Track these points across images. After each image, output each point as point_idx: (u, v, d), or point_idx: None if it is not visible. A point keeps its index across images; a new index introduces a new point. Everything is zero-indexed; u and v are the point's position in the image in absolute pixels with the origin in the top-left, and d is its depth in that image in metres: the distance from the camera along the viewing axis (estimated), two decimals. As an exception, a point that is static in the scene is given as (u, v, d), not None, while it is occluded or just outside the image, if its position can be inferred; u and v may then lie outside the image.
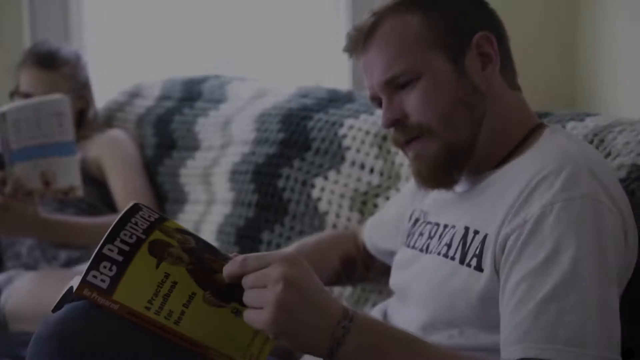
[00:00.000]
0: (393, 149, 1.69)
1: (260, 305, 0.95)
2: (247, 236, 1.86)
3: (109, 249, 1.00)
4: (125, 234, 1.00)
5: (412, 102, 1.18)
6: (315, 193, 1.79)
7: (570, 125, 1.40)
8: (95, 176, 2.22)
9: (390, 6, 1.21)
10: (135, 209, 1.01)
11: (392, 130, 1.22)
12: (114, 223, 1.00)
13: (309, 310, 0.94)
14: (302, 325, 0.94)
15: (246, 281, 0.97)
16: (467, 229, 1.15)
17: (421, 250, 1.25)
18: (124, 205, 2.16)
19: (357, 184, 1.73)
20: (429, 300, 1.17)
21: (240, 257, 0.98)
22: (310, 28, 2.74)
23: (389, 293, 1.59)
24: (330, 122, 1.83)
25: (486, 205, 1.15)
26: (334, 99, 1.91)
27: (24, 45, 2.58)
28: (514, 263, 1.06)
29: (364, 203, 1.71)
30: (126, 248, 1.00)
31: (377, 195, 1.69)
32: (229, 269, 0.99)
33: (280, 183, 1.85)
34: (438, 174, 1.19)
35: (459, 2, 1.22)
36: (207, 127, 2.16)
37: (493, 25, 1.23)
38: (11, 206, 1.91)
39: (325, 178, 1.78)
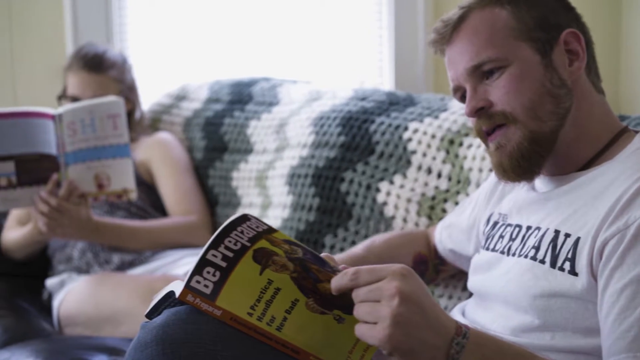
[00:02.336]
0: (461, 153, 1.67)
1: (374, 319, 0.93)
2: (308, 240, 1.84)
3: (213, 255, 0.99)
4: (230, 241, 0.99)
5: (497, 90, 1.19)
6: (380, 197, 1.77)
7: (649, 128, 1.38)
8: (144, 179, 2.21)
9: (478, 0, 1.21)
10: (242, 218, 1.00)
11: (474, 120, 1.23)
12: (219, 230, 0.99)
13: (425, 326, 0.93)
14: (418, 341, 0.92)
15: (358, 294, 0.95)
16: (557, 232, 1.14)
17: (502, 252, 1.24)
18: (174, 207, 2.16)
19: (424, 189, 1.71)
20: (518, 303, 1.16)
21: (351, 269, 0.96)
22: (353, 32, 2.73)
23: (459, 298, 1.58)
24: (394, 125, 1.81)
25: (577, 208, 1.14)
26: (395, 102, 1.90)
27: (67, 49, 2.57)
28: (615, 268, 1.04)
29: (431, 208, 1.69)
30: (230, 254, 0.99)
31: (445, 200, 1.67)
32: (339, 281, 0.97)
33: (343, 187, 1.83)
34: (520, 163, 1.19)
35: (548, 1, 1.22)
36: (259, 130, 2.15)
37: (580, 27, 1.23)
38: (65, 209, 1.89)
39: (391, 182, 1.76)
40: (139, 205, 2.16)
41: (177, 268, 2.01)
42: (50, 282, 2.08)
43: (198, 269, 0.98)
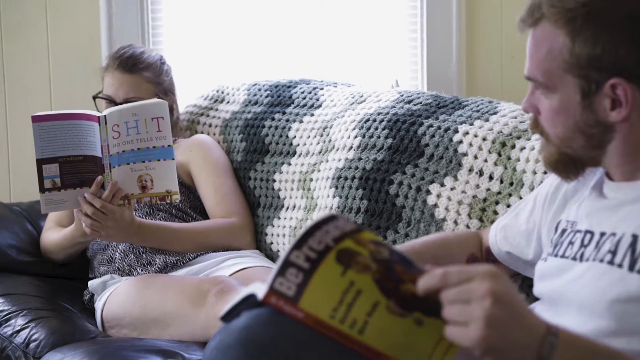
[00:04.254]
0: (514, 155, 1.67)
1: (465, 320, 0.92)
2: (357, 242, 1.84)
3: (296, 256, 0.98)
4: (314, 241, 0.98)
5: (542, 108, 1.23)
6: (431, 199, 1.77)
7: None
8: (184, 181, 2.21)
9: (554, 5, 1.18)
10: (330, 218, 0.99)
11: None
12: (304, 230, 0.98)
13: (517, 327, 0.92)
14: (510, 342, 0.92)
15: (447, 295, 0.94)
16: (635, 236, 1.14)
17: (574, 259, 1.23)
18: (214, 209, 2.16)
19: (475, 191, 1.71)
20: (593, 308, 1.15)
21: (440, 270, 0.96)
22: (388, 34, 2.74)
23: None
24: (443, 128, 1.82)
25: None
26: (442, 105, 1.90)
27: (102, 51, 2.58)
28: None
29: (483, 210, 1.69)
30: (313, 255, 0.98)
31: (497, 203, 1.67)
32: (426, 282, 0.96)
33: (392, 189, 1.84)
34: (557, 168, 1.27)
35: (616, 33, 1.15)
36: (302, 133, 2.15)
37: None
38: (109, 210, 1.90)
39: (442, 185, 1.76)
40: (179, 207, 2.17)
41: (220, 270, 2.01)
42: (92, 284, 2.08)
43: (281, 271, 0.98)
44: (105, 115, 1.91)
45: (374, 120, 1.96)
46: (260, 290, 1.00)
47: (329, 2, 2.72)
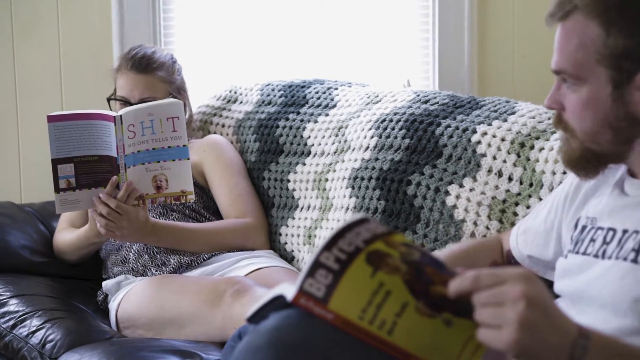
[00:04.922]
0: (533, 156, 1.67)
1: (498, 323, 0.92)
2: (374, 243, 1.84)
3: (326, 257, 0.98)
4: (344, 243, 0.98)
5: (569, 103, 1.22)
6: (450, 200, 1.76)
7: None
8: (197, 181, 2.21)
9: (586, 2, 1.18)
10: (361, 221, 0.99)
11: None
12: (335, 232, 0.98)
13: (550, 329, 0.92)
14: (543, 344, 0.92)
15: (479, 298, 0.94)
16: None
17: (596, 256, 1.23)
18: (228, 209, 2.16)
19: (494, 192, 1.70)
20: (617, 306, 1.15)
21: (471, 272, 0.95)
22: (399, 33, 2.73)
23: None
24: (461, 128, 1.81)
25: None
26: (459, 105, 1.89)
27: (113, 52, 2.58)
28: None
29: (502, 211, 1.68)
30: (343, 257, 0.98)
31: (517, 204, 1.66)
32: (458, 285, 0.96)
33: (410, 190, 1.83)
34: (576, 166, 1.25)
35: None
36: (316, 133, 2.15)
37: None
38: (124, 210, 1.89)
39: (461, 185, 1.76)
40: (193, 207, 2.16)
41: (234, 270, 2.00)
42: (106, 284, 2.08)
43: (311, 272, 0.97)
44: (120, 115, 1.90)
45: (391, 120, 1.96)
46: (289, 291, 1.00)
47: (341, 2, 2.72)
